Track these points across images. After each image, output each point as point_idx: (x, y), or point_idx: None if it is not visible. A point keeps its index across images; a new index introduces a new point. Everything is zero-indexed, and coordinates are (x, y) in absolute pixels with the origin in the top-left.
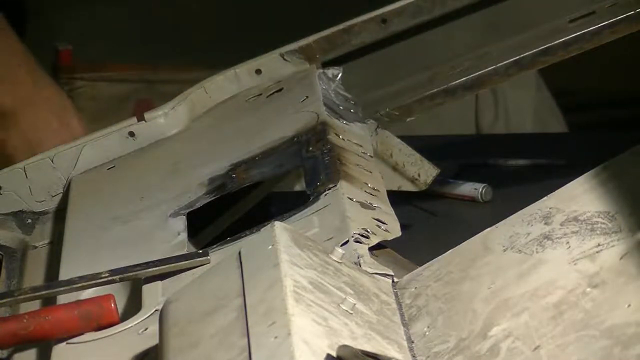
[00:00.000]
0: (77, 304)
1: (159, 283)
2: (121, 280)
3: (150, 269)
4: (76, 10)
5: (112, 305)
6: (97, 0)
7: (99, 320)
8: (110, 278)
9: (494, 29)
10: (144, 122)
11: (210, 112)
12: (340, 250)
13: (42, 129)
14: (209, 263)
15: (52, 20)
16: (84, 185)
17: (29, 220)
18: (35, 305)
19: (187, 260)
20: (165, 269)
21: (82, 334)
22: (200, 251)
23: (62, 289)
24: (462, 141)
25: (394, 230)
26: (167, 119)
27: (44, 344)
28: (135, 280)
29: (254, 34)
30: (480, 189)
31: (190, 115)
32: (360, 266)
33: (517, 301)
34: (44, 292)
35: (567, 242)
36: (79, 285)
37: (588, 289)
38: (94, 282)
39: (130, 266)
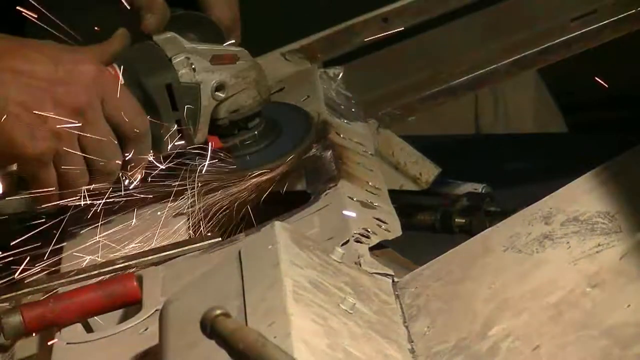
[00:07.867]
0: (100, 285)
1: (159, 283)
2: (137, 266)
3: (164, 253)
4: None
5: (135, 283)
6: (97, 1)
7: (124, 299)
8: (125, 264)
9: (495, 28)
10: None
11: None
12: (340, 250)
13: None
14: (220, 242)
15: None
16: None
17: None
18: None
19: (199, 242)
20: (179, 252)
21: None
22: (210, 234)
23: (81, 276)
24: (462, 141)
25: (394, 229)
26: None
27: (46, 337)
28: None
29: (254, 34)
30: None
31: None
32: (360, 266)
33: (517, 301)
34: (64, 280)
35: (568, 242)
36: (96, 272)
37: (588, 289)
38: (110, 268)
39: (143, 251)
